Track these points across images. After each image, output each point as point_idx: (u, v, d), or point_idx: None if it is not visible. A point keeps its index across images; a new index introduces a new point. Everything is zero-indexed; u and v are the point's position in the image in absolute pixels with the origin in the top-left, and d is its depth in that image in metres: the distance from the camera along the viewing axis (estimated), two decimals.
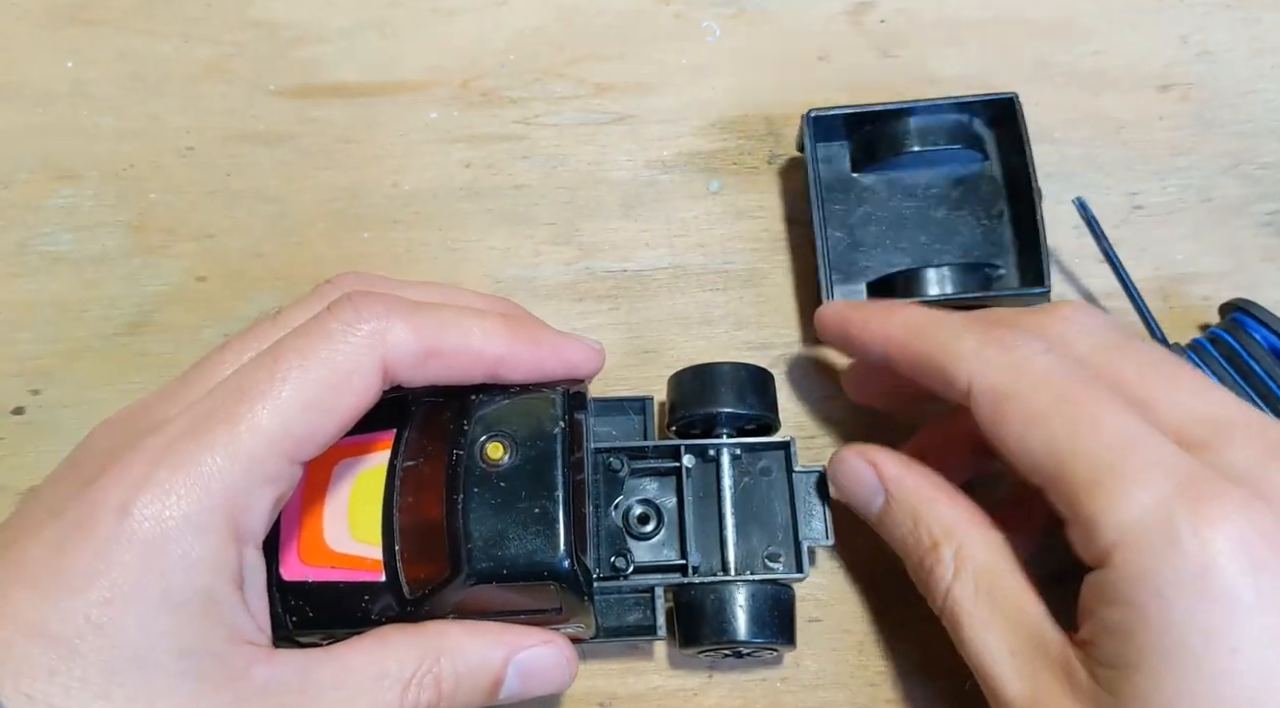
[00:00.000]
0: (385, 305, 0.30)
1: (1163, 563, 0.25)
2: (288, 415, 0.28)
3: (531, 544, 0.30)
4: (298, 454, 0.28)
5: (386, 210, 0.44)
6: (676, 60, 0.46)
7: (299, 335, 0.29)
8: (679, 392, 0.37)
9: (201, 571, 0.26)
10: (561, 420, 0.32)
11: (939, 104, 0.41)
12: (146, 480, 0.26)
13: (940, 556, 0.31)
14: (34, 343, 0.43)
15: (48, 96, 0.45)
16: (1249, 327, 0.38)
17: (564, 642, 0.33)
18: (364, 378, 0.29)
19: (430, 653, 0.30)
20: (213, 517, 0.27)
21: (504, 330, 0.32)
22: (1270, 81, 0.45)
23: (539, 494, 0.31)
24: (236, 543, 0.27)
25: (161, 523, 0.26)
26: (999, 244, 0.41)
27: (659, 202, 0.44)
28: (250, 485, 0.27)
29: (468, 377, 0.32)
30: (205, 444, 0.27)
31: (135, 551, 0.26)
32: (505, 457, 0.31)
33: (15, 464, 0.41)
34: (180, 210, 0.44)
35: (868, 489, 0.34)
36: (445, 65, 0.46)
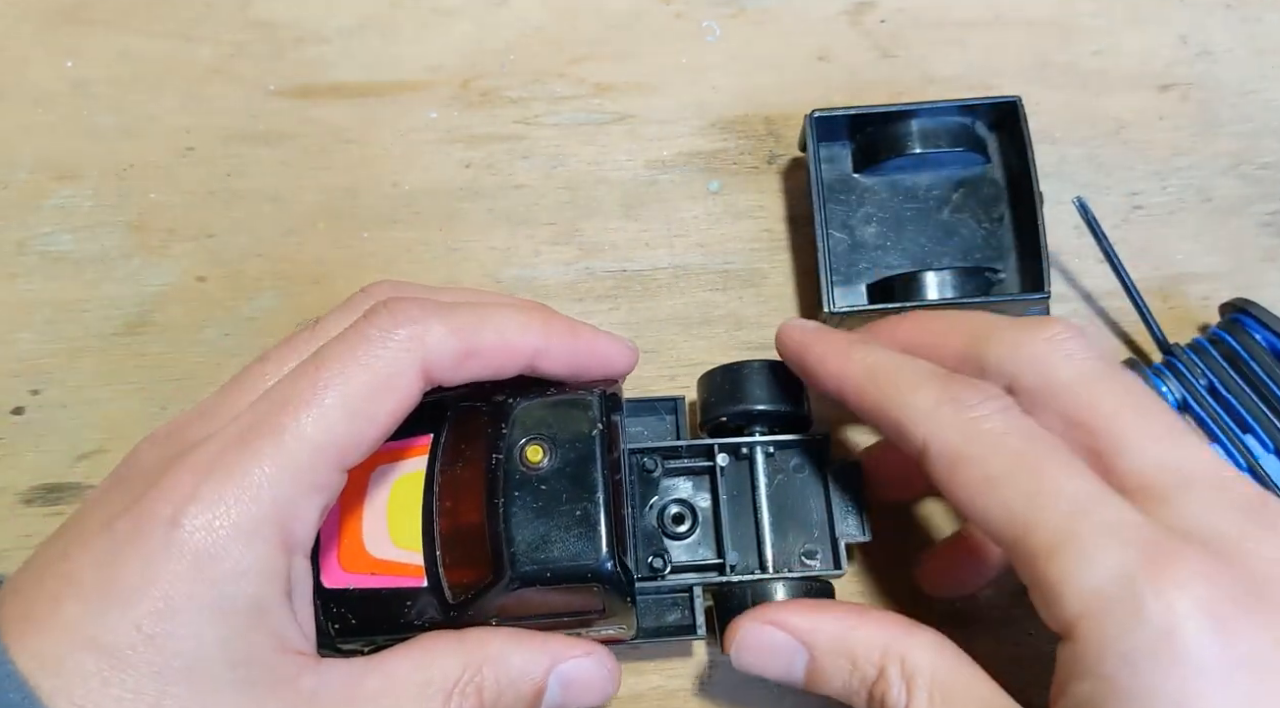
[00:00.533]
0: (421, 309, 0.30)
1: (1127, 631, 0.25)
2: (332, 423, 0.28)
3: (574, 547, 0.30)
4: (343, 461, 0.28)
5: (386, 210, 0.44)
6: (676, 60, 0.46)
7: (339, 343, 0.29)
8: (710, 391, 0.37)
9: (252, 580, 0.27)
10: (600, 422, 0.32)
11: (941, 106, 0.41)
12: (195, 492, 0.26)
13: (888, 680, 0.30)
14: (34, 343, 0.43)
15: (48, 96, 0.45)
16: (1249, 327, 0.38)
17: (606, 654, 0.32)
18: (405, 382, 0.29)
19: (473, 662, 0.30)
20: (262, 526, 0.27)
21: (540, 324, 0.32)
22: (1270, 81, 0.45)
23: (580, 496, 0.31)
24: (286, 552, 0.28)
25: (212, 533, 0.26)
26: (999, 247, 0.41)
27: (659, 202, 0.44)
28: (298, 494, 0.27)
29: (506, 372, 0.32)
30: (252, 455, 0.27)
31: (186, 561, 0.26)
32: (545, 459, 0.31)
33: (15, 464, 0.41)
34: (180, 210, 0.44)
35: (785, 653, 0.32)
36: (445, 65, 0.46)
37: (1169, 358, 0.40)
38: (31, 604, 0.26)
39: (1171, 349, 0.40)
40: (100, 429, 0.42)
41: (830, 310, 0.39)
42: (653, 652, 0.39)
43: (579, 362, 0.33)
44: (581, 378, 0.34)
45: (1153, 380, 0.39)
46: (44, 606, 0.26)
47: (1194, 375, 0.39)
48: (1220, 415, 0.38)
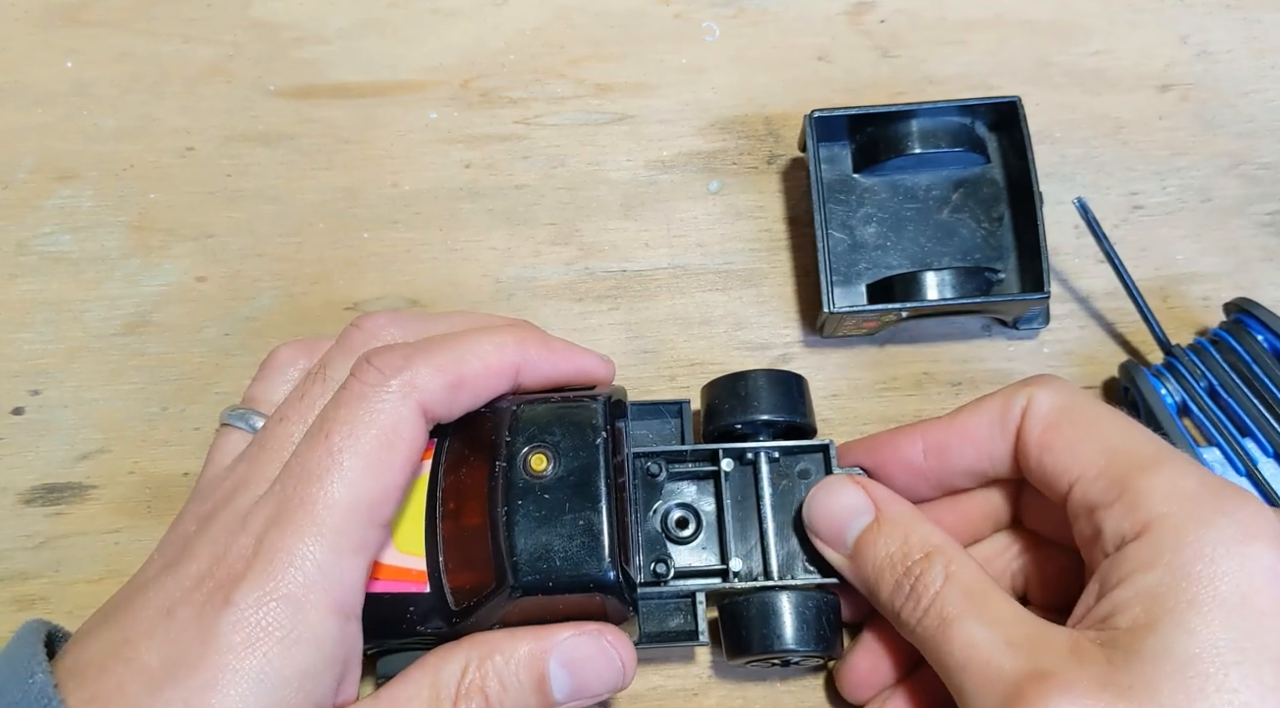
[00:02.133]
0: (404, 355, 0.31)
1: (1208, 532, 0.28)
2: (355, 484, 0.29)
3: (577, 556, 0.30)
4: (375, 516, 0.30)
5: (386, 210, 0.44)
6: (676, 60, 0.46)
7: (338, 406, 0.30)
8: (715, 401, 0.37)
9: (303, 648, 0.28)
10: (604, 430, 0.32)
11: (941, 106, 0.41)
12: (246, 573, 0.28)
13: (930, 563, 0.32)
14: (34, 343, 0.43)
15: (48, 96, 0.45)
16: (1250, 328, 0.38)
17: (609, 631, 0.32)
18: (410, 427, 0.30)
19: (473, 661, 0.31)
20: (310, 595, 0.28)
21: (514, 340, 0.33)
22: (1270, 81, 0.45)
23: (583, 505, 0.31)
24: (339, 619, 0.29)
25: (262, 609, 0.28)
26: (999, 248, 0.41)
27: (659, 201, 0.44)
28: (341, 558, 0.29)
29: (495, 393, 0.33)
30: (292, 531, 0.28)
31: (240, 637, 0.27)
32: (549, 468, 0.31)
33: (15, 464, 0.41)
34: (180, 210, 0.44)
35: (854, 509, 0.34)
36: (445, 65, 0.46)
37: (1169, 359, 0.40)
38: (98, 687, 0.28)
39: (1172, 350, 0.40)
40: (100, 429, 0.42)
41: (830, 310, 0.39)
42: (654, 655, 0.39)
43: (559, 370, 0.34)
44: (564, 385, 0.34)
45: (1152, 382, 0.39)
46: (110, 687, 0.27)
47: (1194, 377, 0.39)
48: (1220, 419, 0.38)
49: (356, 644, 0.30)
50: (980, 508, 0.36)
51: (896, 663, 0.36)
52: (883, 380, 0.42)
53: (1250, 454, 0.37)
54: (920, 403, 0.42)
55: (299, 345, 0.35)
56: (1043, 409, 0.33)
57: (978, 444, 0.34)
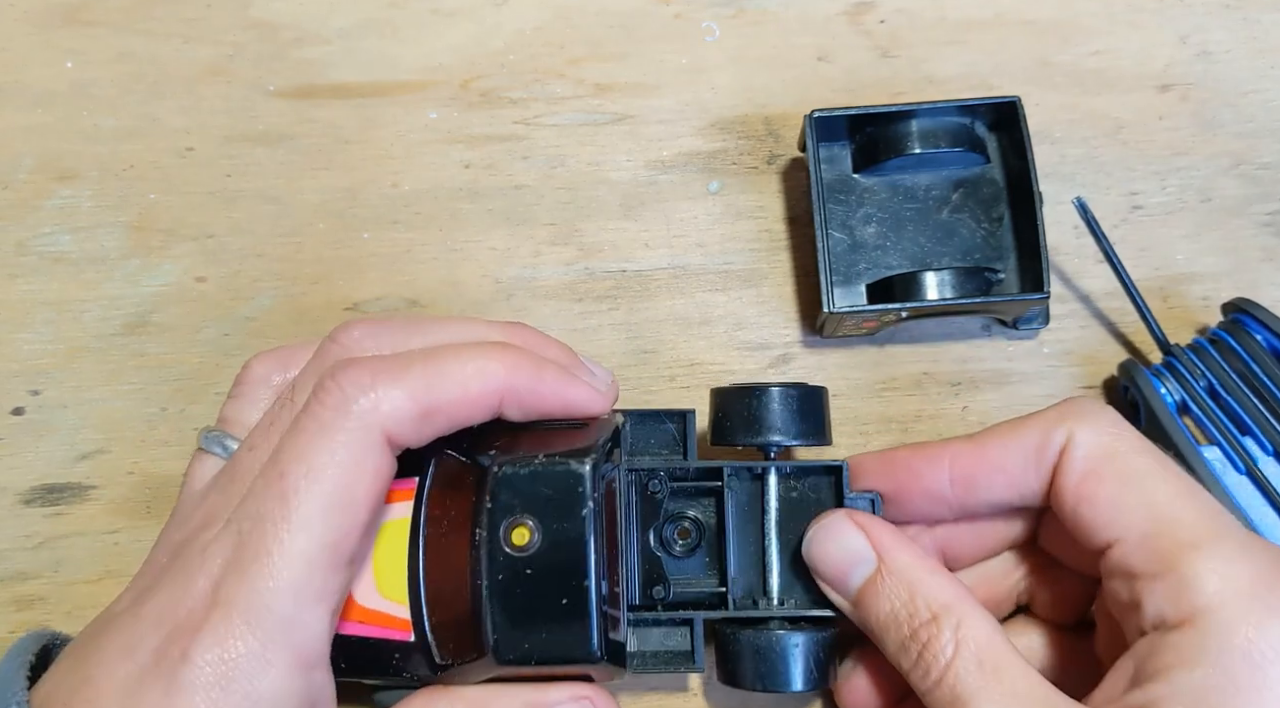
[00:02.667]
0: (371, 374, 0.29)
1: (1260, 634, 0.26)
2: (313, 527, 0.28)
3: (561, 636, 0.29)
4: (337, 560, 0.28)
5: (386, 210, 0.44)
6: (676, 60, 0.46)
7: (296, 436, 0.28)
8: (725, 415, 0.35)
9: (265, 704, 0.27)
10: (591, 498, 0.30)
11: (941, 106, 0.41)
12: (203, 626, 0.27)
13: (940, 628, 0.30)
14: (33, 343, 0.43)
15: (48, 96, 0.45)
16: (1250, 327, 0.38)
17: (599, 694, 0.32)
18: (372, 459, 0.28)
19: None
20: (269, 651, 0.27)
21: (502, 367, 0.31)
22: (1270, 82, 0.45)
23: (568, 582, 0.29)
24: (302, 669, 0.28)
25: (222, 665, 0.27)
26: (999, 248, 0.41)
27: (659, 202, 0.44)
28: (301, 609, 0.27)
29: (473, 421, 0.31)
30: (248, 584, 0.27)
31: (199, 694, 0.26)
32: (531, 541, 0.29)
33: (15, 464, 0.41)
34: (180, 210, 0.44)
35: (855, 556, 0.32)
36: (445, 65, 0.46)
37: (1169, 358, 0.40)
38: None
39: (1171, 349, 0.40)
40: (100, 429, 0.42)
41: (830, 310, 0.39)
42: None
43: (545, 409, 0.32)
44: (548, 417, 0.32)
45: (1152, 382, 0.39)
46: None
47: (1194, 376, 0.39)
48: (1220, 418, 0.38)
49: (325, 690, 0.29)
50: (999, 532, 0.35)
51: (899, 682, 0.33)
52: (882, 380, 0.42)
53: (1250, 453, 0.37)
54: (920, 403, 0.42)
55: (272, 358, 0.34)
56: (1083, 451, 0.30)
57: (1009, 478, 0.32)
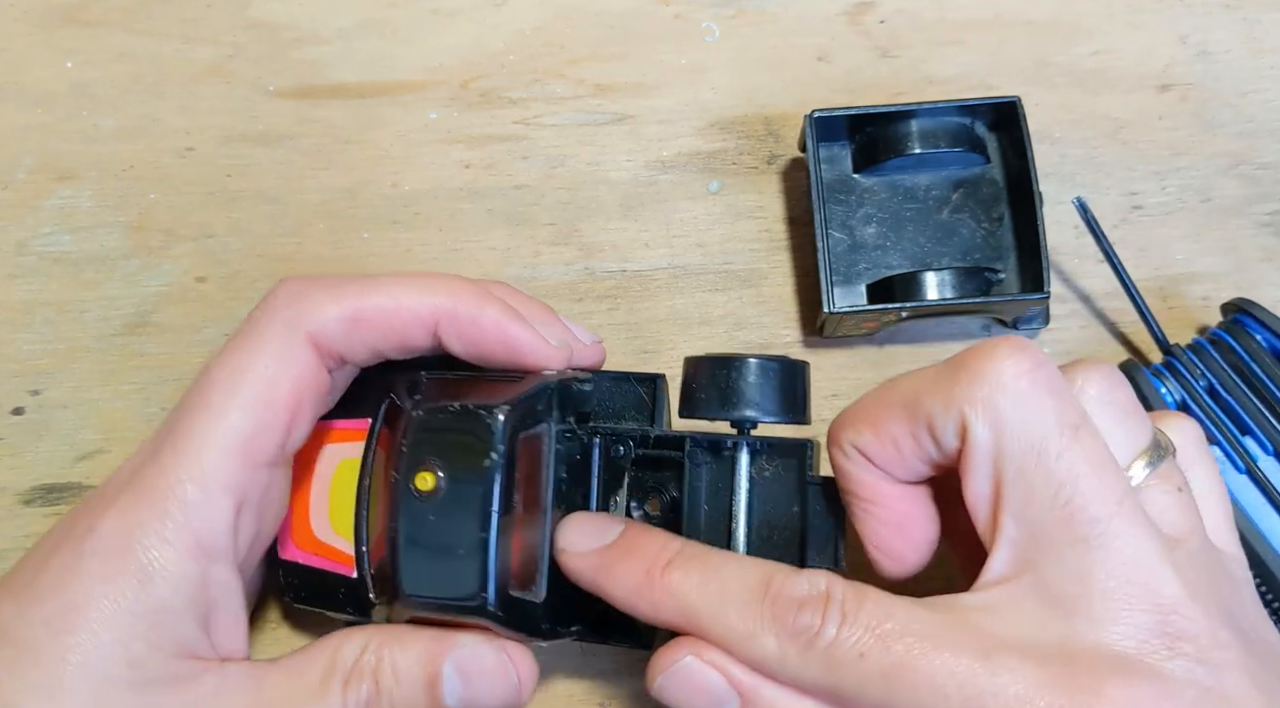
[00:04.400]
0: (305, 283, 0.30)
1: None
2: (226, 419, 0.28)
3: (458, 582, 0.29)
4: (250, 456, 0.29)
5: (386, 210, 0.44)
6: (676, 60, 0.46)
7: (229, 340, 0.30)
8: (697, 385, 0.33)
9: (157, 584, 0.28)
10: (495, 450, 0.29)
11: (941, 106, 0.41)
12: (112, 503, 0.28)
13: None
14: (33, 343, 0.43)
15: (48, 96, 0.45)
16: (1250, 327, 0.38)
17: (514, 647, 0.31)
18: (294, 360, 0.29)
19: (371, 647, 0.30)
20: (168, 530, 0.28)
21: (443, 289, 0.31)
22: (1270, 81, 0.45)
23: (467, 531, 0.29)
24: (199, 558, 0.28)
25: (121, 538, 0.27)
26: (999, 248, 0.41)
27: (659, 202, 0.44)
28: (205, 496, 0.28)
29: (411, 342, 0.31)
30: (158, 466, 0.28)
31: (97, 564, 0.27)
32: (437, 487, 0.29)
33: (15, 464, 0.41)
34: (180, 210, 0.44)
35: (715, 699, 0.28)
36: (445, 65, 0.46)
37: (1169, 358, 0.40)
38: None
39: (1171, 350, 0.40)
40: (100, 429, 0.42)
41: (830, 310, 0.39)
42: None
43: (486, 345, 0.31)
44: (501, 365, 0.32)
45: (1152, 382, 0.39)
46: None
47: (1194, 376, 0.39)
48: (1219, 417, 0.38)
49: (229, 590, 0.29)
50: None
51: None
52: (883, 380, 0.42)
53: (1250, 452, 0.37)
54: None
55: None
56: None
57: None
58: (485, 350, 0.32)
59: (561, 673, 0.39)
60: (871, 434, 0.29)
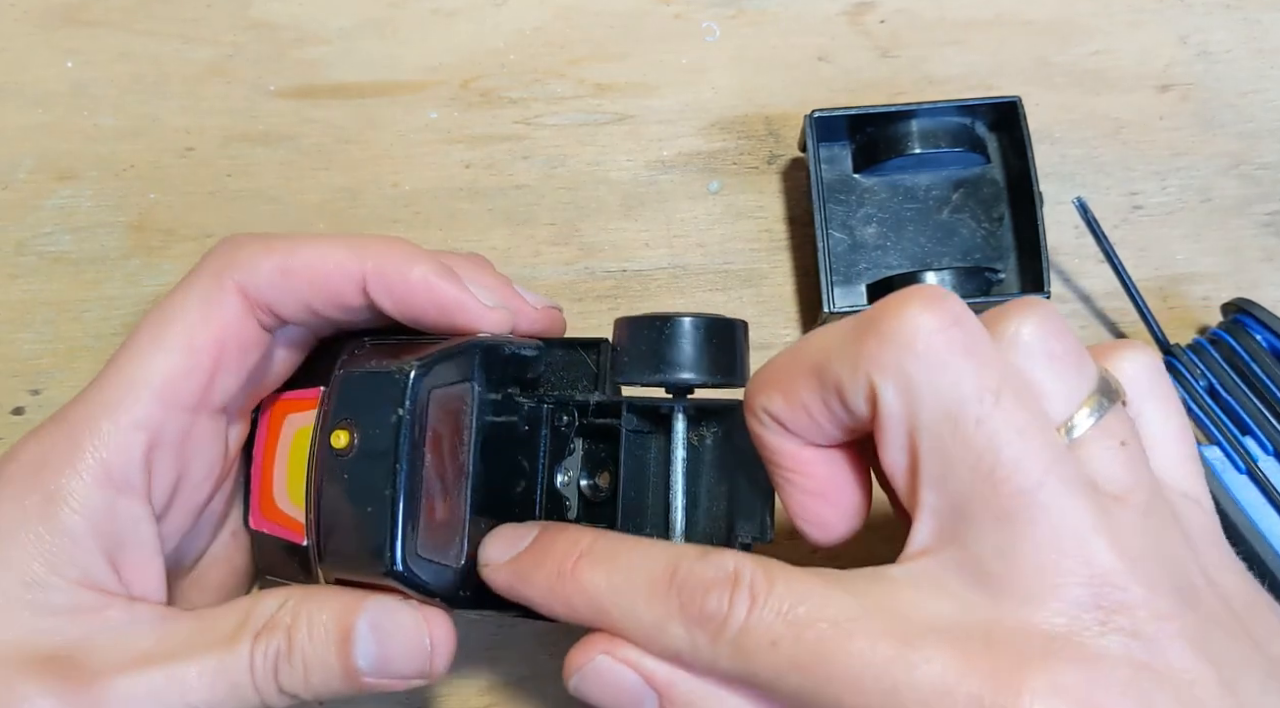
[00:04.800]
0: (241, 238, 0.31)
1: None
2: (145, 359, 0.29)
3: (365, 542, 0.28)
4: (172, 397, 0.30)
5: (386, 210, 0.44)
6: (676, 60, 0.46)
7: (168, 294, 0.31)
8: (628, 346, 0.31)
9: (60, 507, 0.28)
10: (405, 408, 0.28)
11: (941, 106, 0.41)
12: (34, 434, 0.29)
13: None
14: (33, 343, 0.43)
15: (48, 96, 0.45)
16: (1250, 327, 0.38)
17: (433, 613, 0.30)
18: (219, 306, 0.30)
19: (289, 602, 0.30)
20: (77, 459, 0.28)
21: (375, 248, 0.30)
22: (1270, 82, 0.45)
23: (376, 489, 0.28)
24: (108, 489, 0.29)
25: (34, 464, 0.29)
26: (999, 247, 0.41)
27: (659, 201, 0.44)
28: (116, 429, 0.29)
29: (338, 294, 0.31)
30: (82, 402, 0.29)
31: (7, 487, 0.28)
32: (350, 445, 0.29)
33: None
34: (180, 210, 0.44)
35: (632, 697, 0.27)
36: (445, 65, 0.46)
37: (1169, 358, 0.40)
38: None
39: (1171, 349, 0.40)
40: None
41: (830, 310, 0.39)
42: None
43: (416, 304, 0.31)
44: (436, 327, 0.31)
45: None
46: None
47: (1194, 376, 0.39)
48: (1219, 417, 0.38)
49: (139, 527, 0.30)
50: None
51: None
52: None
53: (1250, 452, 0.37)
54: None
55: None
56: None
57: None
58: (416, 310, 0.31)
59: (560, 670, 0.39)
60: (782, 400, 0.26)
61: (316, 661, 0.29)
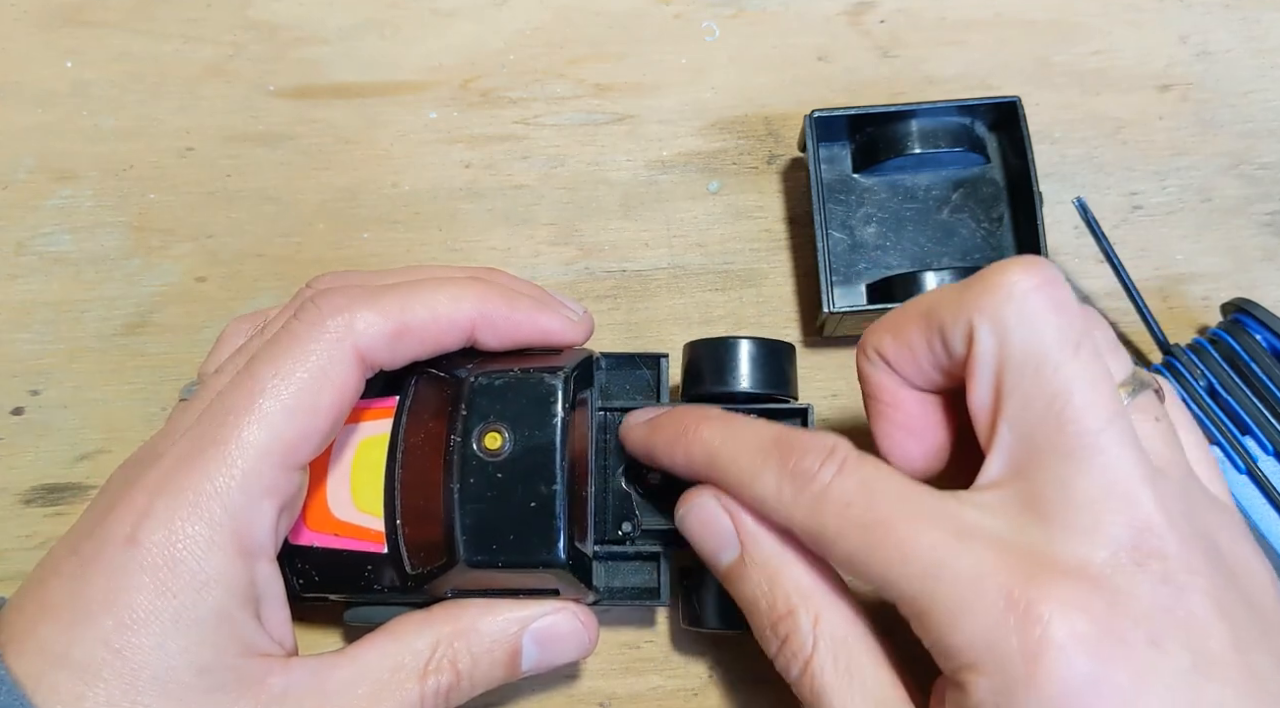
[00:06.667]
0: (347, 297, 0.30)
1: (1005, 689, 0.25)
2: (273, 425, 0.29)
3: (528, 538, 0.31)
4: (291, 460, 0.29)
5: (386, 210, 0.44)
6: (676, 60, 0.46)
7: (270, 346, 0.30)
8: (694, 365, 0.36)
9: (212, 589, 0.28)
10: (562, 409, 0.31)
11: (941, 106, 0.41)
12: (149, 510, 0.28)
13: (797, 623, 0.29)
14: (33, 343, 0.43)
15: (48, 96, 0.45)
16: (1250, 327, 0.38)
17: (580, 608, 0.33)
18: (340, 371, 0.30)
19: (444, 638, 0.31)
20: (216, 536, 0.28)
21: (474, 294, 0.32)
22: (1270, 81, 0.45)
23: (536, 486, 0.31)
24: (246, 559, 0.28)
25: (169, 548, 0.27)
26: (999, 247, 0.41)
27: (659, 202, 0.44)
28: (249, 501, 0.28)
29: (446, 347, 0.32)
30: (199, 469, 0.28)
31: (146, 576, 0.27)
32: (503, 446, 0.31)
33: (15, 464, 0.41)
34: (180, 210, 0.44)
35: (721, 540, 0.31)
36: (445, 65, 0.46)
37: (1169, 358, 0.40)
38: (14, 629, 0.27)
39: (1171, 349, 0.40)
40: (100, 429, 0.42)
41: (830, 310, 0.39)
42: (655, 653, 0.39)
43: (520, 336, 0.33)
44: (523, 346, 0.33)
45: None
46: (24, 629, 0.27)
47: (1194, 376, 0.39)
48: (1219, 417, 0.38)
49: (273, 585, 0.30)
50: None
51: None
52: None
53: (1250, 452, 0.37)
54: None
55: (249, 319, 0.35)
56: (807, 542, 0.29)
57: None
58: (519, 340, 0.33)
59: (561, 674, 0.39)
60: (891, 339, 0.30)
61: (485, 680, 0.32)
